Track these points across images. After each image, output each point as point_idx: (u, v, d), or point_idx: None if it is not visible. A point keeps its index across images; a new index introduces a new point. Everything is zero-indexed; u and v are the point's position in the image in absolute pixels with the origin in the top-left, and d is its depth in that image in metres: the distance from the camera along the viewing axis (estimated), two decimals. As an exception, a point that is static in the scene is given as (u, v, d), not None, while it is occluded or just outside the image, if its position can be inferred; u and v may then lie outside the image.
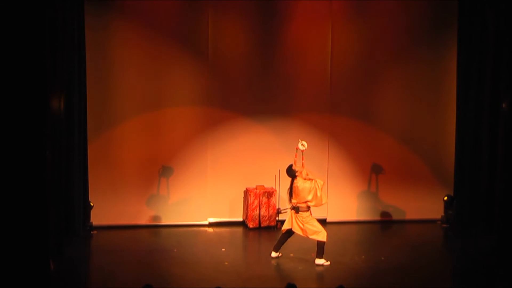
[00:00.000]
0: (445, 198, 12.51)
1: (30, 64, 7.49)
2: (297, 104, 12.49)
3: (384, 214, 12.81)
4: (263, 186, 12.20)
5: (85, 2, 11.40)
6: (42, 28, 7.67)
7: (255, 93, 12.40)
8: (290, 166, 10.02)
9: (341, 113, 12.62)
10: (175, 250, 10.69)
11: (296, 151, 10.11)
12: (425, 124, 12.78)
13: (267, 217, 12.13)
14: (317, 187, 9.77)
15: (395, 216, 12.79)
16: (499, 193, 10.70)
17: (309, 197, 9.78)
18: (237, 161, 12.39)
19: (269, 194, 12.13)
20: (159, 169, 12.14)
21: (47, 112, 7.94)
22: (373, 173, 12.72)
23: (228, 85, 12.35)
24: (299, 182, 9.88)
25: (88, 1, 11.49)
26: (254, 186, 12.24)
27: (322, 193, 9.79)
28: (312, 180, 9.84)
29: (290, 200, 10.02)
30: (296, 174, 9.93)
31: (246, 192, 12.29)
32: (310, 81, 12.51)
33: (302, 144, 10.09)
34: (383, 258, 10.24)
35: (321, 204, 9.88)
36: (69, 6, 10.58)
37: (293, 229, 9.99)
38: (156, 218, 12.23)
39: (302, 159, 10.07)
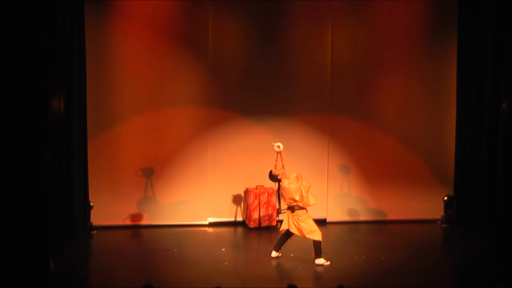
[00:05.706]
0: (445, 198, 12.50)
1: (30, 63, 7.49)
2: (297, 104, 12.48)
3: (384, 214, 12.80)
4: (263, 186, 12.19)
5: (85, 2, 11.39)
6: (42, 28, 7.67)
7: (255, 93, 12.39)
8: (270, 172, 10.10)
9: (341, 113, 12.60)
10: (175, 250, 10.68)
11: (277, 156, 10.14)
12: (425, 124, 12.77)
13: (267, 217, 12.12)
14: (302, 188, 9.83)
15: (395, 216, 12.77)
16: (499, 193, 10.70)
17: (297, 197, 9.82)
18: (237, 161, 12.39)
19: (269, 194, 12.13)
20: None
21: (47, 112, 7.94)
22: (373, 173, 12.71)
23: (228, 85, 12.34)
24: (285, 183, 9.95)
25: (88, 1, 11.49)
26: (254, 186, 12.23)
27: (308, 194, 9.84)
28: (299, 181, 9.92)
29: (279, 204, 10.10)
30: (279, 177, 10.02)
31: (246, 192, 12.29)
32: (310, 81, 12.50)
33: (277, 146, 10.21)
34: (383, 258, 10.24)
35: (309, 205, 9.91)
36: (69, 5, 10.58)
37: (290, 230, 9.98)
38: (156, 218, 12.22)
39: (282, 160, 10.13)
